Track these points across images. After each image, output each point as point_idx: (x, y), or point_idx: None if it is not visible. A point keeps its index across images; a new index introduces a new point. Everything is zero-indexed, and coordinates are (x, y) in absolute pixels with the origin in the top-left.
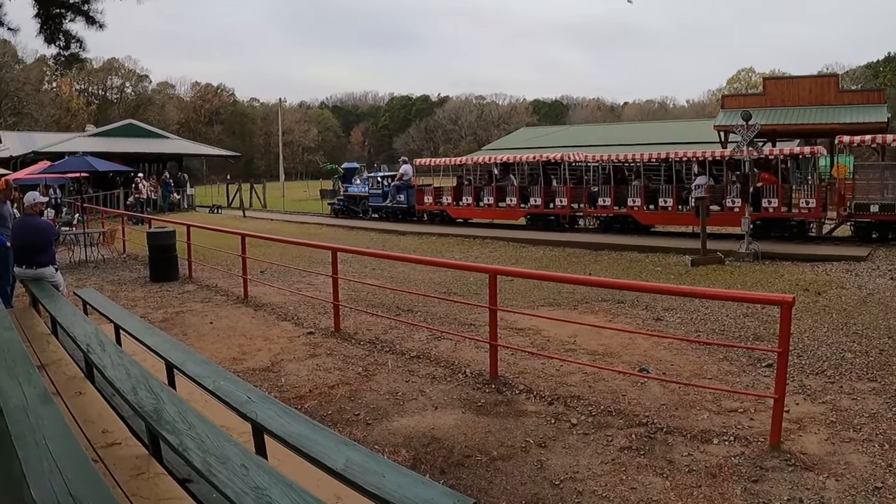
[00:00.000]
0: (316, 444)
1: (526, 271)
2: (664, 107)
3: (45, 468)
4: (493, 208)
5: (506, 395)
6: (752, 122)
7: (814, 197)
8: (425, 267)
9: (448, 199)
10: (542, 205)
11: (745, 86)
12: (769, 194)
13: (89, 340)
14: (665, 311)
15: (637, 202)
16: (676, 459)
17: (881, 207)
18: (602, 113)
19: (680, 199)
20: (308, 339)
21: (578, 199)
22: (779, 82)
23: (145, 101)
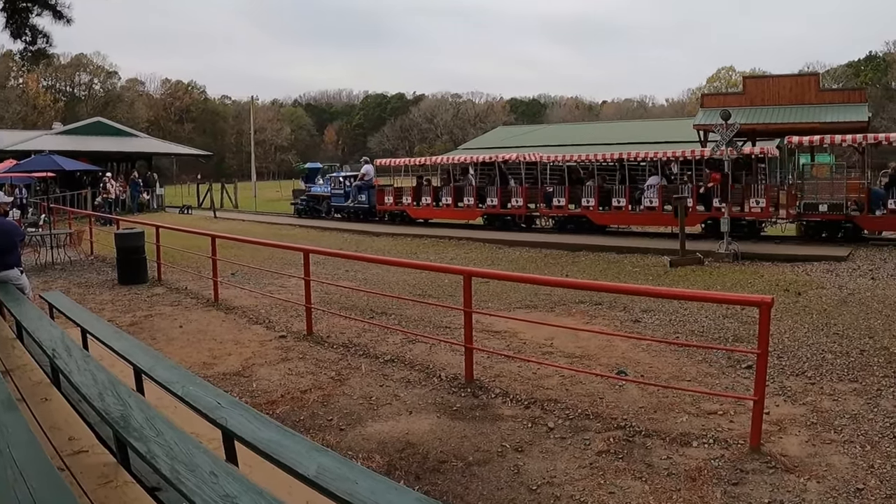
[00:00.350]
0: (287, 450)
1: (501, 273)
2: (643, 106)
3: (9, 477)
4: (452, 208)
5: (482, 399)
6: (732, 122)
7: (764, 197)
8: (399, 268)
9: (408, 199)
10: (499, 205)
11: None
12: (719, 195)
13: (55, 345)
14: (643, 313)
15: (591, 202)
16: (655, 463)
17: (829, 207)
18: (580, 112)
19: (633, 199)
20: (280, 342)
21: (535, 199)
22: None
23: (114, 98)
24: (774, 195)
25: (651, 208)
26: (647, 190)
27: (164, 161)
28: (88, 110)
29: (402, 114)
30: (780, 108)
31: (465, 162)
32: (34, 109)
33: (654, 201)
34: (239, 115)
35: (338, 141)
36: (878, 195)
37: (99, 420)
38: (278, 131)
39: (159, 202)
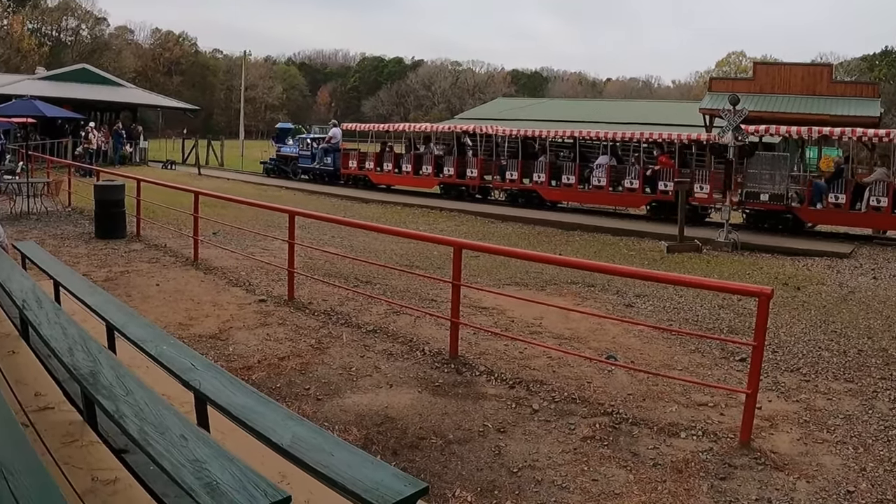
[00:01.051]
0: (262, 417)
1: (492, 247)
2: (648, 86)
3: None
4: (412, 176)
5: (465, 375)
6: (740, 108)
7: (708, 183)
8: (387, 237)
9: (371, 164)
10: (455, 175)
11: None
12: (666, 177)
13: (25, 296)
14: (637, 298)
15: (542, 178)
16: (641, 452)
17: (770, 197)
18: (583, 88)
19: (582, 177)
20: (259, 306)
21: (490, 171)
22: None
23: (101, 45)
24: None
25: (599, 187)
26: (597, 169)
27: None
28: (74, 56)
29: (399, 79)
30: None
31: (427, 131)
32: (17, 53)
33: (602, 180)
34: (230, 70)
35: (331, 103)
36: (821, 188)
37: (67, 376)
38: (270, 89)
39: (142, 156)
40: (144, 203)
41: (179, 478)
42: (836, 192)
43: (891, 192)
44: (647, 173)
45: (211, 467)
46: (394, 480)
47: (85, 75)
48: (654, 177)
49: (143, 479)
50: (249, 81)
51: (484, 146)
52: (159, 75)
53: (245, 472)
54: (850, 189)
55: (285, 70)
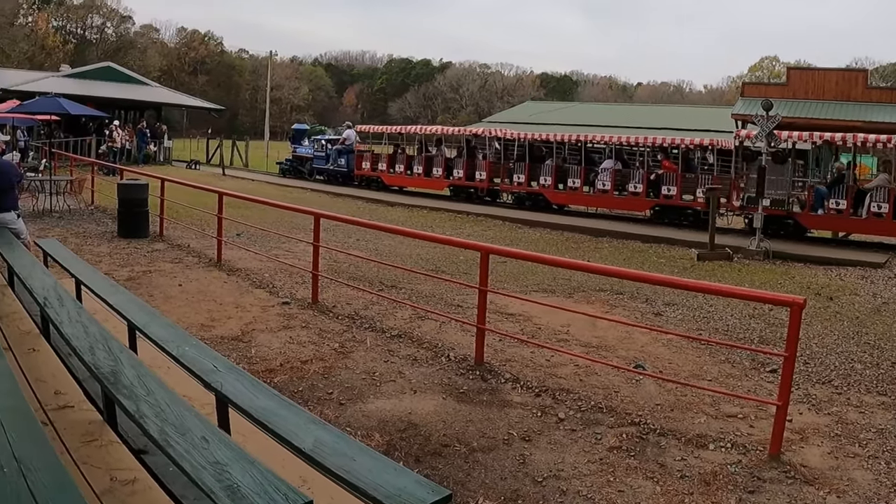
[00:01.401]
0: (284, 420)
1: (520, 252)
2: (680, 91)
3: None
4: (422, 178)
5: (490, 383)
6: (773, 113)
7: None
8: (413, 241)
9: (383, 166)
10: (464, 177)
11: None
12: (669, 182)
13: (47, 294)
14: (666, 306)
15: (548, 181)
16: (669, 463)
17: (772, 202)
18: (614, 92)
19: (587, 180)
20: (283, 309)
21: (499, 174)
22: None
23: (126, 43)
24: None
25: (604, 191)
26: (601, 173)
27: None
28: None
29: (427, 81)
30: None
31: (438, 133)
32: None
33: (606, 184)
34: (256, 70)
35: (357, 105)
36: (822, 194)
37: (88, 375)
38: (296, 90)
39: (166, 155)
40: (168, 203)
41: (199, 480)
42: (836, 197)
43: (892, 198)
44: (651, 177)
45: (232, 470)
46: (416, 487)
47: (110, 73)
48: (658, 181)
49: (162, 481)
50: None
51: (498, 150)
52: (184, 74)
53: (266, 476)
54: (851, 195)
55: (311, 71)
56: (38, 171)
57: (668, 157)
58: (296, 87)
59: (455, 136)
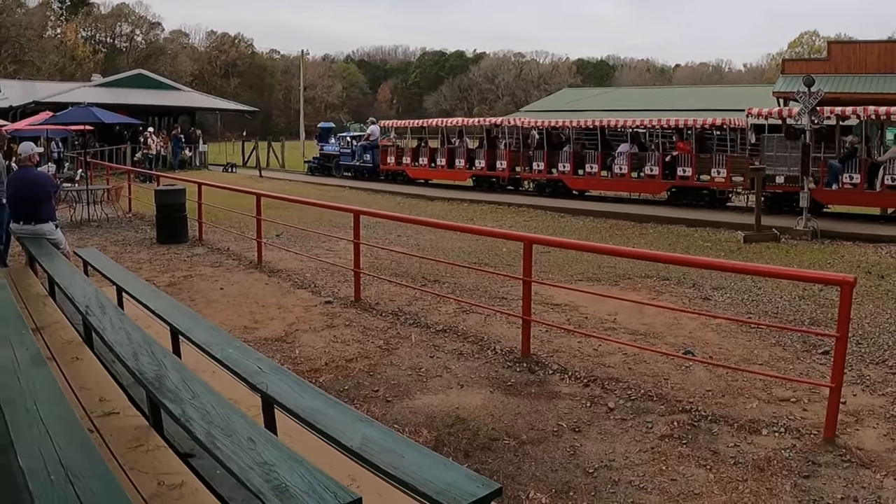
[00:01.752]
0: (331, 419)
1: (564, 241)
2: (719, 71)
3: (34, 434)
4: (445, 169)
5: (538, 374)
6: (815, 89)
7: (725, 167)
8: (455, 234)
9: (407, 160)
10: (486, 167)
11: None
12: (684, 163)
13: (88, 302)
14: (714, 290)
15: (567, 167)
16: (721, 450)
17: (786, 179)
18: (651, 75)
19: (604, 164)
20: (325, 308)
21: (519, 162)
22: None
23: (157, 50)
24: (739, 166)
25: (621, 174)
26: (618, 157)
27: (209, 117)
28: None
29: (462, 73)
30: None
31: (459, 125)
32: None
33: (623, 168)
34: (288, 70)
35: (392, 100)
36: (836, 169)
37: (132, 381)
38: (329, 88)
39: (202, 159)
40: (206, 207)
41: (247, 480)
42: (850, 172)
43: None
44: (667, 159)
45: (280, 469)
46: (466, 482)
47: (141, 80)
48: (674, 162)
49: (209, 484)
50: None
51: (515, 138)
52: (216, 78)
53: (314, 474)
54: (864, 169)
55: (344, 68)
56: (74, 181)
57: (682, 139)
58: (329, 86)
59: (477, 126)
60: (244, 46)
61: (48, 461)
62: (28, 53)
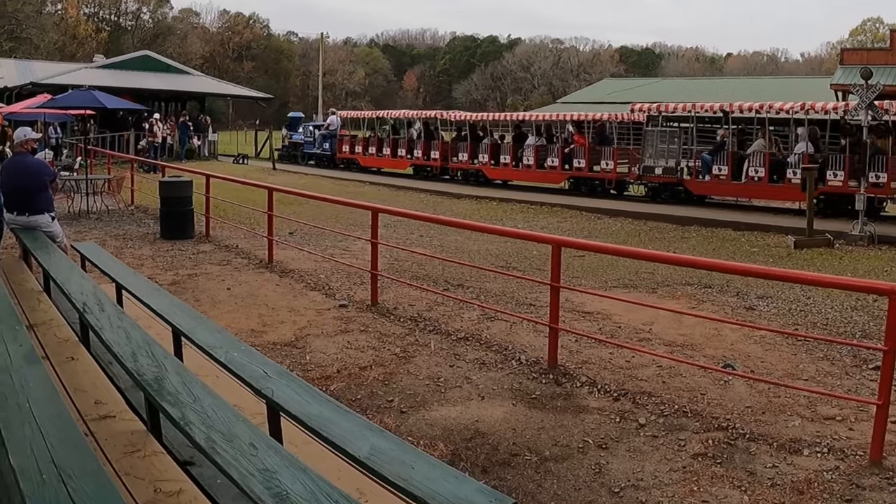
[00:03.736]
0: (338, 427)
1: (595, 244)
2: (774, 60)
3: (26, 433)
4: (390, 158)
5: (565, 387)
6: (874, 82)
7: (612, 159)
8: (480, 236)
9: (360, 149)
10: (423, 157)
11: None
12: (580, 155)
13: (86, 299)
14: (759, 300)
15: (485, 158)
16: (759, 471)
17: (664, 170)
18: (701, 65)
19: (516, 157)
20: (340, 312)
21: (447, 153)
22: None
23: (164, 30)
24: (627, 157)
25: (528, 165)
26: (526, 149)
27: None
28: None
29: (494, 60)
30: None
31: (410, 117)
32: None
33: (530, 159)
34: (306, 54)
35: (419, 88)
36: (707, 162)
37: (130, 384)
38: (350, 74)
39: (211, 149)
40: (214, 201)
41: (247, 487)
42: (719, 164)
43: (767, 162)
44: (566, 151)
45: (281, 477)
46: (478, 495)
47: (147, 63)
48: (570, 155)
49: (209, 493)
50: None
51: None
52: (228, 61)
53: (318, 483)
54: (731, 161)
55: (367, 53)
56: (73, 169)
57: (580, 132)
58: (350, 72)
59: (415, 118)
60: (259, 28)
61: (40, 460)
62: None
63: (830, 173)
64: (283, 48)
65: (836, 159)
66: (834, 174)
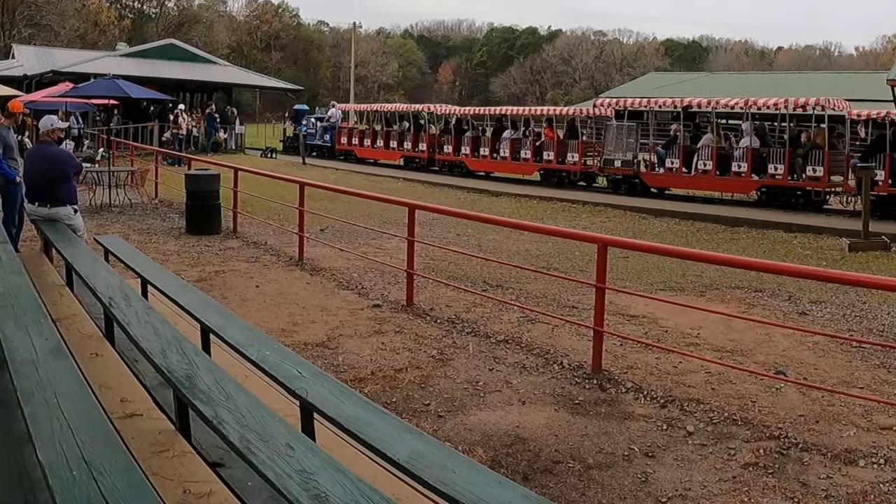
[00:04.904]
0: (376, 429)
1: (643, 244)
2: (827, 54)
3: (54, 428)
4: (383, 150)
5: (610, 392)
6: None
7: (577, 152)
8: (521, 236)
9: (356, 140)
10: (412, 149)
11: None
12: (549, 148)
13: (112, 293)
14: (812, 304)
15: (467, 150)
16: (812, 482)
17: (622, 163)
18: (750, 59)
19: (495, 149)
20: (374, 312)
21: (434, 145)
22: None
23: (190, 18)
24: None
25: (504, 157)
26: (503, 142)
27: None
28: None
29: (534, 52)
30: None
31: (402, 111)
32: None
33: (506, 152)
34: (337, 45)
35: (454, 81)
36: (661, 155)
37: (158, 381)
38: (383, 66)
39: (238, 142)
40: (242, 195)
41: (284, 489)
42: (671, 157)
43: (715, 156)
44: (537, 144)
45: (320, 479)
46: (523, 501)
47: (173, 51)
48: (540, 148)
49: (240, 496)
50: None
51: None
52: (256, 51)
53: (358, 486)
54: (683, 155)
55: (401, 44)
56: (95, 161)
57: (549, 127)
58: (383, 63)
59: (406, 112)
60: (289, 16)
61: (70, 457)
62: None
63: (771, 167)
64: (313, 38)
65: (777, 153)
66: (774, 168)
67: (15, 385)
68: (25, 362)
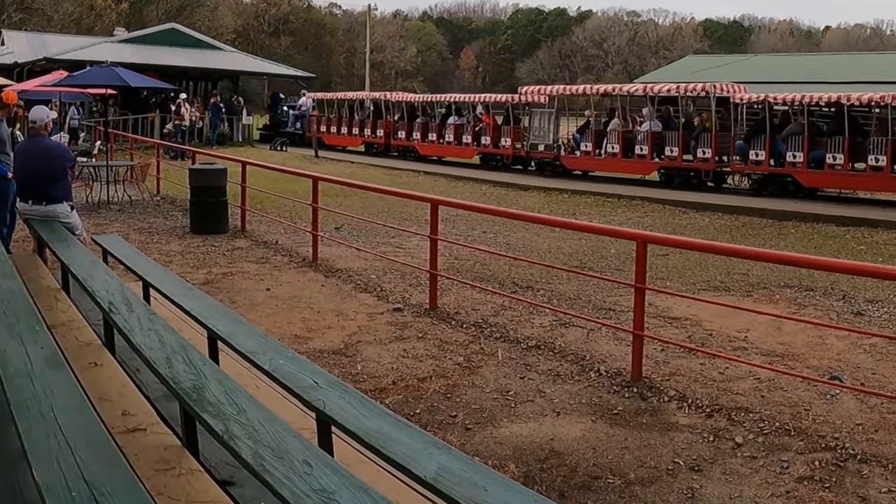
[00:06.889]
0: (400, 444)
1: (685, 240)
2: (878, 34)
3: (51, 445)
4: (348, 136)
5: (651, 401)
6: None
7: (509, 137)
8: (552, 233)
9: (324, 128)
10: (370, 135)
11: None
12: (486, 133)
13: (112, 298)
14: (868, 304)
15: (417, 136)
16: (872, 496)
17: (545, 147)
18: (795, 40)
19: (441, 135)
20: (394, 316)
21: (395, 131)
22: None
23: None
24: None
25: (448, 141)
26: (448, 128)
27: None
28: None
29: (563, 35)
30: None
31: (363, 98)
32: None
33: (450, 136)
34: (351, 29)
35: (478, 67)
36: (577, 140)
37: (162, 394)
38: (401, 52)
39: (245, 134)
40: (251, 191)
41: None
42: (584, 141)
43: (621, 139)
44: (476, 130)
45: (340, 498)
46: None
47: (175, 37)
48: (480, 133)
49: None
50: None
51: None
52: (264, 36)
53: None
54: (595, 138)
55: (420, 27)
56: (91, 155)
57: (487, 113)
58: (401, 48)
59: (371, 100)
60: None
61: (68, 476)
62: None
63: (668, 149)
64: (324, 22)
65: (672, 136)
66: (671, 150)
67: (8, 398)
68: (19, 373)
